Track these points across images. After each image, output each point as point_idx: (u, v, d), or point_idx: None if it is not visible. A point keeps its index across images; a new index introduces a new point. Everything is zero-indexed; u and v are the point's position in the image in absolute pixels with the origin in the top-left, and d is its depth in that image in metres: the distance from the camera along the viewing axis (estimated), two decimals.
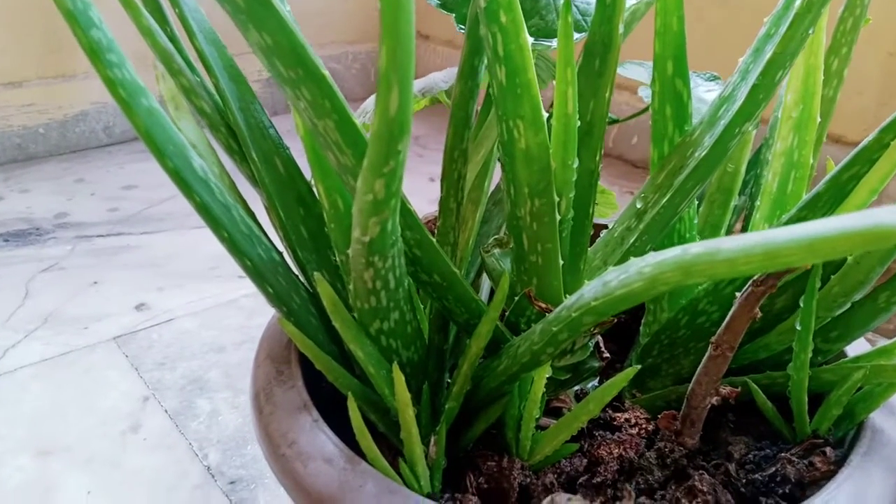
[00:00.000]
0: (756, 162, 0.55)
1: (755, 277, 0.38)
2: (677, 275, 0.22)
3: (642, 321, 0.53)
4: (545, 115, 0.35)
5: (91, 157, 1.66)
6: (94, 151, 1.69)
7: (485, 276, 0.56)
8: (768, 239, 0.19)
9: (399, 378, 0.34)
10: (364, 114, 0.54)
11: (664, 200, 0.38)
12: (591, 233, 0.44)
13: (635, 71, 0.58)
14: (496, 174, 0.54)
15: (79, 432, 0.82)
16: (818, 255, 0.18)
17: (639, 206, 0.42)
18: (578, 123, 0.36)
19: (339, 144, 0.31)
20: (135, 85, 0.34)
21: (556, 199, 0.37)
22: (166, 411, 0.86)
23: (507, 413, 0.39)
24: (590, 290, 0.27)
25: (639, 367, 0.35)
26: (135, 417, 0.85)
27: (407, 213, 0.34)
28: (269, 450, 0.37)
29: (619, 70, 0.57)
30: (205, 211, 0.38)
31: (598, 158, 0.41)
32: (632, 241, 0.40)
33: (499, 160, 0.54)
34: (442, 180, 0.41)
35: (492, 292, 0.50)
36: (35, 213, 1.36)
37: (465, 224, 0.54)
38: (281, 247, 0.44)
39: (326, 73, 0.30)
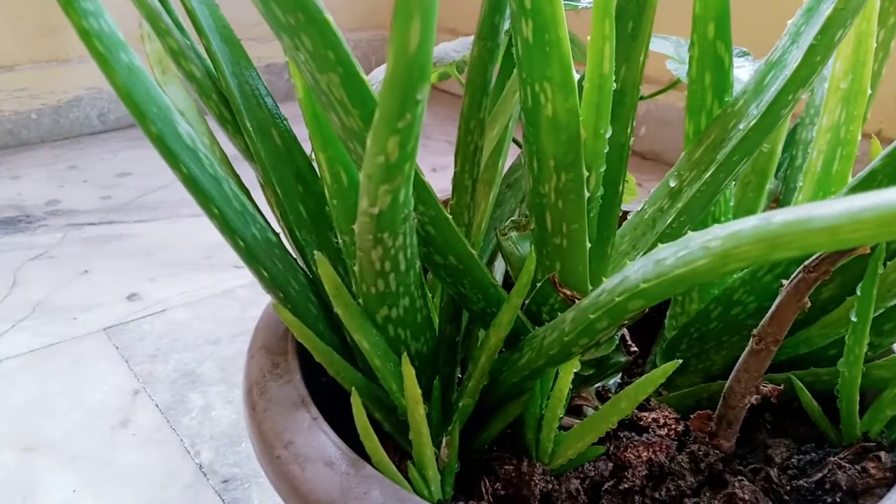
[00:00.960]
0: (791, 142, 0.51)
1: (807, 262, 0.34)
2: (759, 248, 0.18)
3: (667, 313, 0.49)
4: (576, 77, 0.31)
5: (84, 143, 1.62)
6: (88, 138, 1.65)
7: (497, 264, 0.52)
8: (884, 201, 0.15)
9: (409, 371, 0.30)
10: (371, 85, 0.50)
11: (706, 176, 0.34)
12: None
13: (661, 45, 0.53)
14: (511, 154, 0.50)
15: (65, 427, 0.78)
16: None
17: (672, 184, 0.38)
18: (615, 86, 0.32)
19: (345, 104, 0.27)
20: (113, 37, 0.30)
21: (586, 173, 0.33)
22: (157, 406, 0.82)
23: (527, 412, 0.35)
24: (636, 270, 0.24)
25: (679, 361, 0.31)
26: (124, 412, 0.81)
27: (419, 184, 0.30)
28: (263, 451, 0.34)
29: None
30: (192, 183, 0.34)
31: (629, 131, 0.37)
32: (668, 222, 0.36)
33: (514, 142, 0.50)
34: (456, 154, 0.37)
35: (504, 281, 0.47)
36: (26, 199, 1.32)
37: (478, 207, 0.50)
38: (278, 228, 0.41)
39: (330, 19, 0.26)
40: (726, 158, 0.34)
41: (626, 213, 0.46)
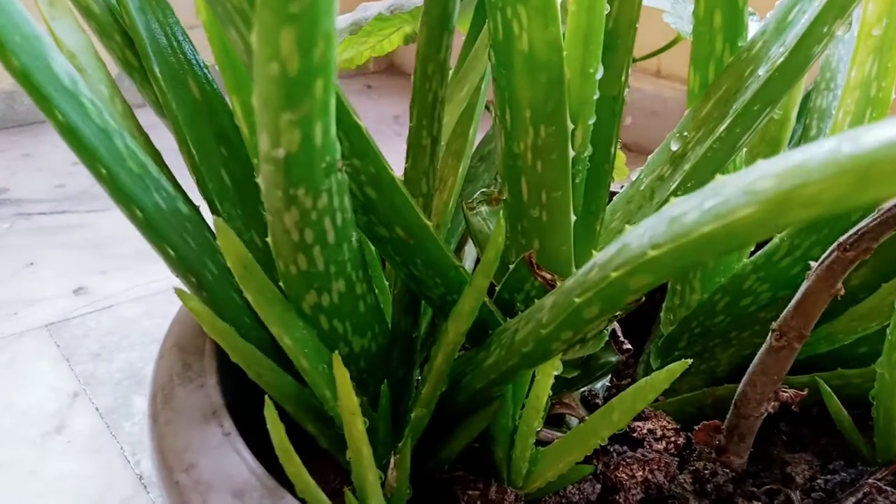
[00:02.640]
0: (803, 111, 0.44)
1: (842, 239, 0.27)
2: (840, 185, 0.11)
3: (663, 304, 0.42)
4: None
5: (41, 131, 1.53)
6: (45, 125, 1.54)
7: (468, 249, 0.45)
8: None
9: (342, 375, 0.23)
10: None
11: (720, 131, 0.28)
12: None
13: (656, 1, 0.47)
14: (485, 123, 0.43)
15: None
16: None
17: (675, 147, 0.31)
18: (607, 9, 0.25)
19: (244, 12, 0.20)
20: None
21: (570, 126, 0.26)
22: (97, 409, 0.74)
23: (496, 424, 0.28)
24: (641, 234, 0.17)
25: (688, 362, 0.25)
26: (61, 416, 0.73)
27: (352, 129, 0.23)
28: (162, 474, 0.26)
29: None
30: (71, 134, 0.26)
31: (623, 79, 0.30)
32: (671, 189, 0.30)
33: (488, 108, 0.43)
34: (411, 107, 0.30)
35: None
36: None
37: (445, 182, 0.43)
38: (200, 200, 0.34)
39: None
40: (744, 108, 0.27)
41: (613, 193, 0.39)
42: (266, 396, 0.24)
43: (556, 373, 0.26)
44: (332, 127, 0.19)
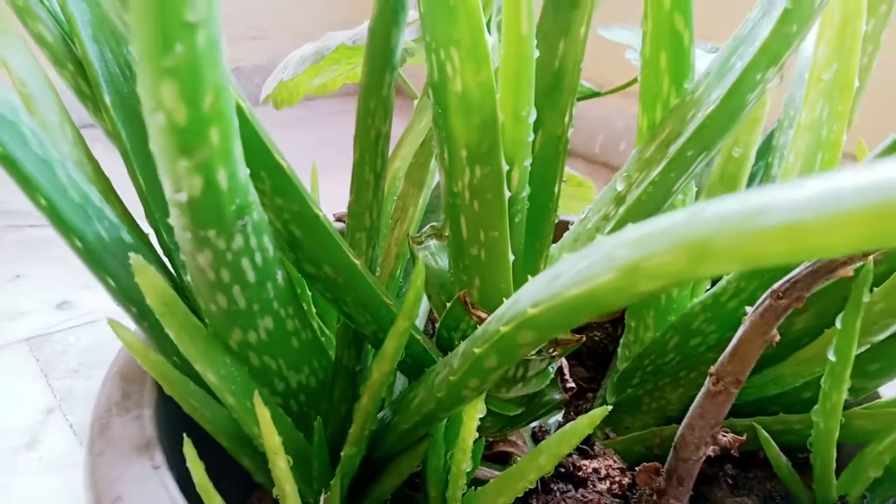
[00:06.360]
0: (767, 149, 0.45)
1: (775, 287, 0.27)
2: (681, 259, 0.11)
3: (621, 341, 0.42)
4: (490, 42, 0.25)
5: None
6: None
7: None
8: (883, 181, 0.09)
9: (262, 414, 0.23)
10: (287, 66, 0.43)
11: (654, 175, 0.28)
12: (556, 224, 0.33)
13: (622, 34, 0.47)
14: None
15: None
16: None
17: (620, 188, 0.31)
18: (555, 66, 0.25)
19: None
20: None
21: (505, 167, 0.27)
22: (72, 426, 0.74)
23: (428, 464, 0.28)
24: (530, 290, 0.17)
25: (608, 408, 0.24)
26: (33, 432, 0.73)
27: (275, 169, 0.23)
28: None
29: (603, 32, 0.47)
30: (9, 164, 0.27)
31: (567, 120, 0.30)
32: (606, 232, 0.30)
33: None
34: (355, 142, 0.30)
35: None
36: None
37: (405, 212, 0.43)
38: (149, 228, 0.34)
39: None
40: (678, 153, 0.27)
41: (567, 222, 0.40)
42: (184, 434, 0.24)
43: (482, 414, 0.26)
44: (239, 171, 0.19)
